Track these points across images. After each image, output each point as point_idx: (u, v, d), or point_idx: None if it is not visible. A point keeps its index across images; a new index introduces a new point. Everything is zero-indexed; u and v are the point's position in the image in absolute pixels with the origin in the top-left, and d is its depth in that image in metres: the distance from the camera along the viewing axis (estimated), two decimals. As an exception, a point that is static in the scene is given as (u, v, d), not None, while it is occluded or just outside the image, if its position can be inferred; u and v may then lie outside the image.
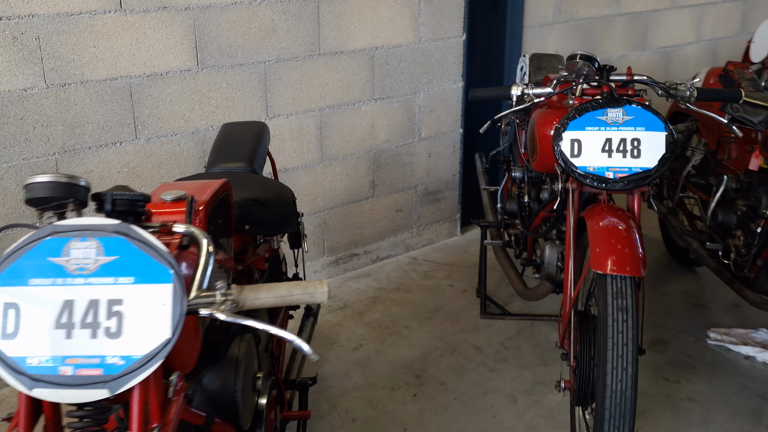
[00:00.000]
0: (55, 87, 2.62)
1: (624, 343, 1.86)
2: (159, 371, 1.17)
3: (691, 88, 2.31)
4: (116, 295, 1.09)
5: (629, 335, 1.87)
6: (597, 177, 2.15)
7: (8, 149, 2.56)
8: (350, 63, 3.45)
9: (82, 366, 1.08)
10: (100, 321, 1.08)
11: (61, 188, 1.15)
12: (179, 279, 1.11)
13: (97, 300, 1.09)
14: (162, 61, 2.86)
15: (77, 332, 1.08)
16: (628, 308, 1.89)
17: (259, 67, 3.14)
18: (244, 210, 1.97)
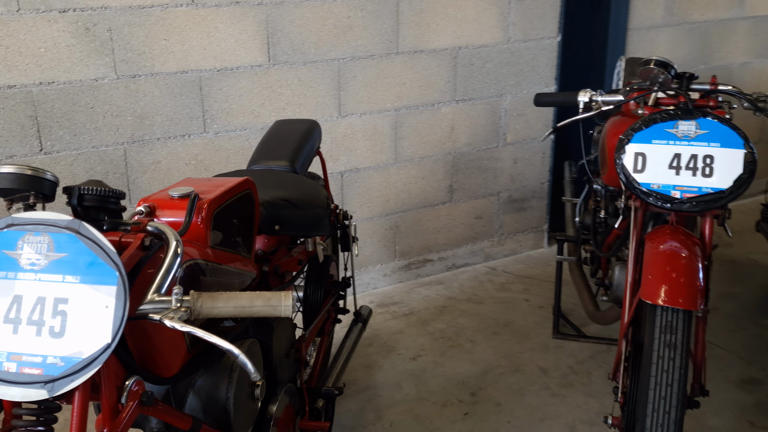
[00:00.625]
0: (125, 78, 2.69)
1: (668, 383, 1.66)
2: (111, 374, 1.13)
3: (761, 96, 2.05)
4: (62, 294, 1.06)
5: (675, 375, 1.66)
6: (661, 196, 1.94)
7: (78, 137, 2.66)
8: (430, 62, 3.34)
9: (25, 364, 1.05)
10: (45, 319, 1.06)
11: (25, 180, 1.14)
12: (124, 281, 1.06)
13: (44, 297, 1.06)
14: (233, 56, 2.87)
15: (23, 328, 1.06)
16: (677, 345, 1.69)
17: (332, 64, 3.10)
18: (275, 210, 1.92)
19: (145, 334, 1.28)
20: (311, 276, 2.36)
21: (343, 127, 3.20)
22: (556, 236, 3.07)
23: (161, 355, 1.33)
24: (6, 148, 2.52)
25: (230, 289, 1.60)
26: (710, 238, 1.98)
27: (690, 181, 1.93)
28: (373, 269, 3.51)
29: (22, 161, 2.56)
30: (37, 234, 1.08)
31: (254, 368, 1.14)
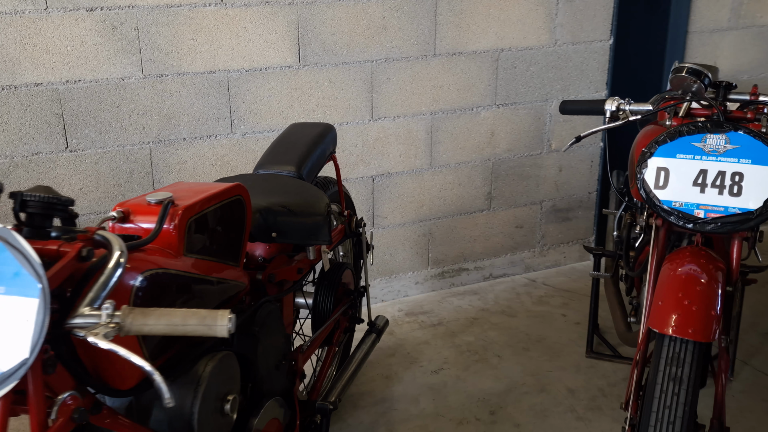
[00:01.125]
0: (152, 77, 2.69)
1: (671, 420, 1.52)
2: (39, 389, 1.10)
3: None
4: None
5: (678, 412, 1.52)
6: (684, 215, 1.79)
7: (104, 135, 2.68)
8: (470, 65, 3.23)
9: (-52, 375, 1.03)
10: (-28, 331, 1.03)
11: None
12: (45, 294, 1.02)
13: (-28, 309, 1.04)
14: (262, 57, 2.84)
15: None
16: (683, 379, 1.55)
17: (365, 66, 3.03)
18: (272, 217, 1.87)
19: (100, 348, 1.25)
20: (322, 283, 2.30)
21: (375, 130, 3.13)
22: (592, 250, 2.91)
23: (115, 367, 1.30)
24: (32, 146, 2.57)
25: (208, 299, 1.56)
26: (737, 262, 1.82)
27: (716, 199, 1.77)
28: (404, 276, 3.42)
29: (48, 159, 2.60)
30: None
31: (169, 393, 1.08)
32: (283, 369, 1.88)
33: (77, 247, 1.14)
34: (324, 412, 2.00)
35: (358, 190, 3.17)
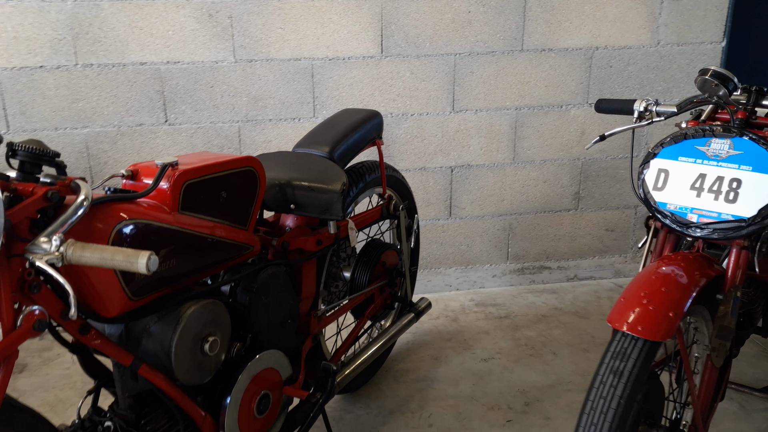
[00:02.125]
0: (242, 62, 2.99)
1: (603, 411, 1.52)
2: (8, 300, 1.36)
3: None
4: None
5: (613, 404, 1.52)
6: (677, 218, 1.76)
7: (198, 113, 3.01)
8: (560, 62, 3.22)
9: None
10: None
11: None
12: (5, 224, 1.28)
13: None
14: (345, 46, 3.04)
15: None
16: (623, 373, 1.54)
17: (448, 59, 3.14)
18: (290, 190, 2.07)
19: (85, 277, 1.51)
20: (360, 259, 2.47)
21: (455, 122, 3.23)
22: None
23: (99, 297, 1.55)
24: (136, 117, 2.95)
25: (203, 254, 1.78)
26: (733, 270, 1.75)
27: (710, 204, 1.72)
28: (481, 268, 3.49)
29: (149, 130, 2.98)
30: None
31: (75, 309, 1.30)
32: (289, 327, 2.07)
33: (44, 190, 1.39)
34: (328, 371, 2.17)
35: (435, 179, 3.29)
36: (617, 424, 1.52)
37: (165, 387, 1.70)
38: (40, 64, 2.80)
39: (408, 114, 3.16)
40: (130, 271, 1.34)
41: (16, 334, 1.36)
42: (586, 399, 1.56)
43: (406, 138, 3.19)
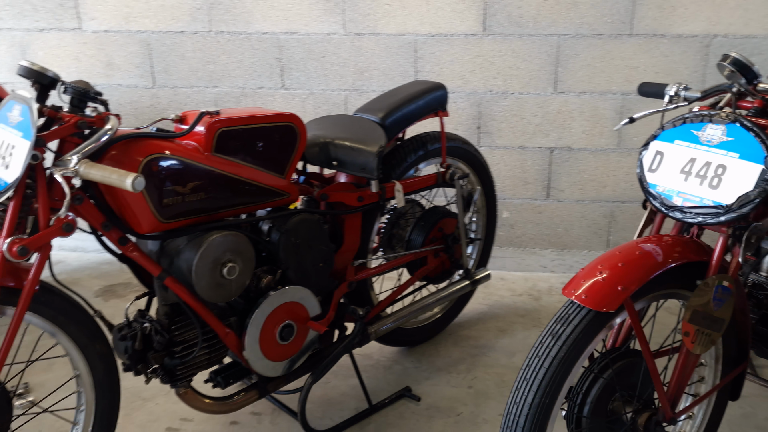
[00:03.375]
0: (351, 35, 3.23)
1: (535, 370, 1.58)
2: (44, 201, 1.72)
3: None
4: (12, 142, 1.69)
5: (545, 363, 1.57)
6: (664, 200, 1.74)
7: (310, 80, 3.31)
8: (673, 48, 3.10)
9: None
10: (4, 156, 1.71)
11: (30, 72, 1.78)
12: (32, 141, 1.63)
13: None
14: (448, 24, 3.17)
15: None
16: (561, 336, 1.58)
17: (551, 40, 3.15)
18: (333, 148, 2.29)
19: (122, 198, 1.86)
20: (418, 222, 2.64)
21: (557, 103, 3.24)
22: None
23: (134, 215, 1.89)
24: (257, 81, 3.32)
25: (234, 192, 2.06)
26: (718, 257, 1.71)
27: (695, 189, 1.69)
28: (578, 253, 3.47)
29: (268, 93, 3.34)
30: (12, 103, 1.74)
31: (67, 209, 1.62)
32: (321, 271, 2.30)
33: (76, 119, 1.74)
34: (355, 315, 2.37)
35: (534, 159, 3.33)
36: (547, 382, 1.59)
37: (188, 300, 2.01)
38: (181, 29, 3.26)
39: (508, 92, 3.24)
40: (121, 188, 1.65)
41: (48, 231, 1.73)
42: (526, 357, 1.64)
43: (505, 116, 3.27)
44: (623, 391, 1.75)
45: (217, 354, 2.14)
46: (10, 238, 1.68)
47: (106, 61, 3.31)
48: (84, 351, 1.90)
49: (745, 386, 2.65)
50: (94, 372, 1.93)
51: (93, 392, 1.94)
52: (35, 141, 1.66)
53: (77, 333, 1.88)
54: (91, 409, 1.96)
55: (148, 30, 3.27)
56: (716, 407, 1.99)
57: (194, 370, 2.10)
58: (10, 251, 1.67)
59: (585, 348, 1.61)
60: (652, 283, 1.68)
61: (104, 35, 3.28)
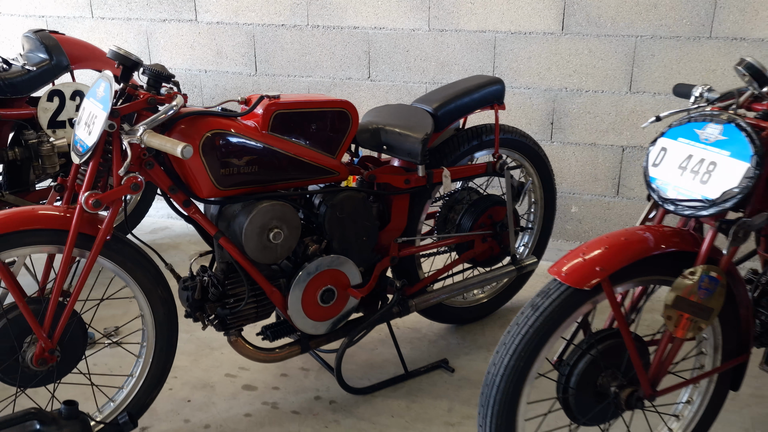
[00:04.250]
0: (435, 31, 3.37)
1: (513, 336, 1.69)
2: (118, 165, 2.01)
3: None
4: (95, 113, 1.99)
5: (523, 330, 1.67)
6: (659, 193, 1.78)
7: (394, 72, 3.48)
8: (753, 52, 2.99)
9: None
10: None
11: (118, 55, 2.07)
12: (107, 113, 1.91)
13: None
14: (527, 22, 3.23)
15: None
16: (539, 308, 1.68)
17: (629, 40, 3.13)
18: (384, 133, 2.46)
19: (186, 166, 2.13)
20: (469, 208, 2.76)
21: (631, 102, 3.21)
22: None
23: (196, 181, 2.16)
24: (346, 72, 3.54)
25: (285, 169, 2.28)
26: (707, 249, 1.73)
27: (688, 184, 1.73)
28: (647, 253, 3.43)
29: (355, 83, 3.54)
30: (100, 81, 2.04)
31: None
32: (364, 244, 2.47)
33: (147, 96, 2.02)
34: (393, 286, 2.53)
35: (605, 156, 3.32)
36: (522, 347, 1.70)
37: (239, 259, 2.25)
38: (282, 23, 3.53)
39: (582, 90, 3.26)
40: (173, 154, 1.90)
41: (118, 188, 2.03)
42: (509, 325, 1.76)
43: (579, 113, 3.30)
44: (610, 367, 1.81)
45: (263, 309, 2.38)
46: (88, 192, 2.00)
47: (216, 49, 3.66)
48: (147, 294, 2.19)
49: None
50: (156, 313, 2.22)
51: (154, 331, 2.24)
52: (111, 112, 1.96)
53: (142, 278, 2.17)
54: (151, 346, 2.25)
55: (254, 23, 3.57)
56: (715, 395, 2.00)
57: (243, 321, 2.35)
58: (86, 203, 1.97)
59: (563, 321, 1.70)
60: (637, 268, 1.74)
61: (216, 26, 3.62)
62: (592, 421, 1.84)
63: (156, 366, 2.26)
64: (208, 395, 2.56)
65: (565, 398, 1.81)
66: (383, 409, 2.49)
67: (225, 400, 2.53)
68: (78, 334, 2.13)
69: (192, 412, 2.47)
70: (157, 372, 2.27)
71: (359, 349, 2.85)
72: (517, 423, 1.75)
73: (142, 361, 2.26)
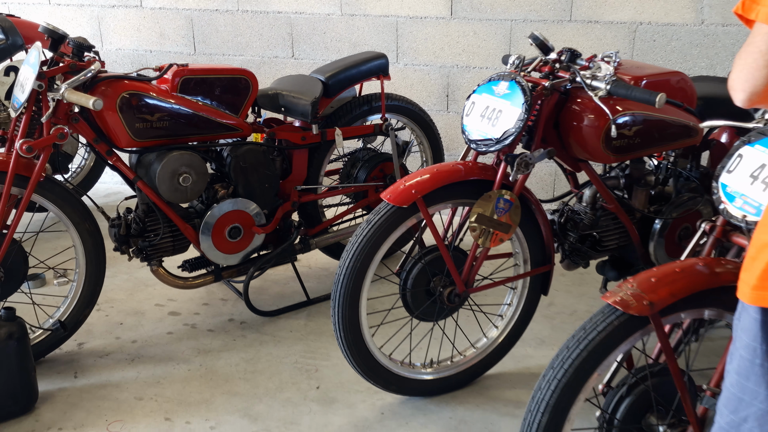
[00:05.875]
0: (346, 16, 3.71)
1: (353, 245, 2.06)
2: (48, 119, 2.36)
3: (607, 80, 1.92)
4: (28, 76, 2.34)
5: (360, 242, 2.04)
6: (467, 135, 2.17)
7: (315, 51, 3.82)
8: (605, 33, 3.37)
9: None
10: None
11: (47, 30, 2.40)
12: (35, 75, 2.25)
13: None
14: (422, 8, 3.58)
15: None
16: (372, 222, 2.06)
17: (505, 23, 3.50)
18: (281, 98, 2.82)
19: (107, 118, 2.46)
20: (365, 163, 3.12)
21: (510, 77, 3.59)
22: None
23: (115, 133, 2.50)
24: (273, 51, 3.87)
25: (194, 124, 2.62)
26: (500, 179, 2.10)
27: (485, 127, 2.10)
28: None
29: (281, 61, 3.89)
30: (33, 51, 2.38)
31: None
32: (266, 190, 2.81)
33: (69, 62, 2.36)
34: (292, 225, 2.90)
35: (491, 124, 3.70)
36: (361, 249, 2.06)
37: (155, 199, 2.58)
38: (216, 8, 3.86)
39: (471, 67, 3.62)
40: (87, 107, 2.25)
41: (48, 137, 2.37)
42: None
43: (469, 86, 3.66)
44: (436, 274, 2.20)
45: (179, 243, 2.72)
46: (22, 140, 2.35)
47: (160, 32, 3.99)
48: (77, 227, 2.52)
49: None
50: (85, 243, 2.55)
51: (84, 258, 2.56)
52: (38, 75, 2.31)
53: (72, 213, 2.49)
54: (82, 271, 2.57)
55: (192, 8, 3.91)
56: (528, 299, 2.36)
57: (161, 253, 2.69)
58: (21, 149, 2.31)
59: (391, 233, 2.07)
60: (449, 193, 2.11)
61: (159, 11, 3.95)
62: (425, 315, 2.24)
63: (87, 288, 2.59)
64: (138, 320, 2.91)
65: (403, 294, 2.21)
66: (284, 326, 2.86)
67: (152, 323, 2.89)
68: (18, 259, 2.48)
69: (123, 332, 2.82)
70: (88, 293, 2.60)
71: (273, 284, 3.21)
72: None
73: (75, 284, 2.61)
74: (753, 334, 1.20)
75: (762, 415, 1.20)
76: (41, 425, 2.26)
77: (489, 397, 2.36)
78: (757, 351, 1.20)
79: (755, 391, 1.21)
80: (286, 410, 2.32)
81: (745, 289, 1.20)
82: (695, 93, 2.30)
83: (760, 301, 1.17)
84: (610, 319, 1.47)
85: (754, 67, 1.14)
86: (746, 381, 1.22)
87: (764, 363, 1.19)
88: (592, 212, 2.32)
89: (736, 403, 1.24)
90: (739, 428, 1.23)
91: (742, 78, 1.17)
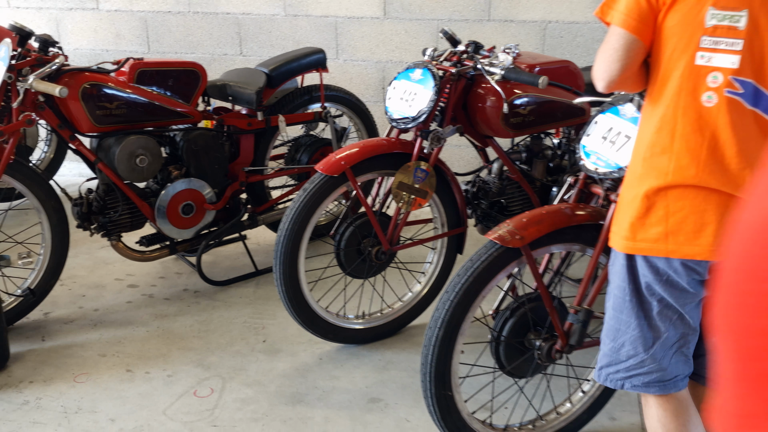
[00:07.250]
0: (290, 16, 3.94)
1: (288, 216, 2.31)
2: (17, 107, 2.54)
3: (502, 67, 2.22)
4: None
5: (294, 212, 2.28)
6: (390, 116, 2.43)
7: (262, 49, 4.04)
8: (519, 30, 3.68)
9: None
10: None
11: (14, 27, 2.58)
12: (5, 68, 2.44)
13: None
14: (359, 9, 3.84)
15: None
16: (309, 191, 2.30)
17: (432, 23, 3.78)
18: (229, 88, 3.04)
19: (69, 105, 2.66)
20: (307, 148, 3.36)
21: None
22: None
23: (77, 119, 2.68)
24: (223, 49, 4.08)
25: (150, 112, 2.82)
26: (416, 152, 2.37)
27: (403, 108, 2.36)
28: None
29: (230, 58, 4.11)
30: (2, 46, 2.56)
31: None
32: (216, 171, 3.02)
33: (36, 56, 2.55)
34: (240, 203, 3.13)
35: (423, 114, 3.98)
36: (298, 213, 2.28)
37: (114, 179, 2.77)
38: (168, 9, 4.05)
39: (403, 62, 3.88)
40: (54, 94, 2.44)
41: (17, 122, 2.56)
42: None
43: (401, 80, 3.94)
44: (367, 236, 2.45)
45: (137, 219, 2.91)
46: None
47: (116, 33, 4.15)
48: (43, 204, 2.69)
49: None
50: (50, 218, 2.72)
51: (49, 232, 2.73)
52: (8, 67, 2.49)
53: (38, 191, 2.66)
54: (48, 244, 2.73)
55: (146, 10, 4.08)
56: (446, 258, 2.62)
57: (120, 228, 2.88)
58: (-10, 134, 2.50)
59: (322, 201, 2.32)
60: (374, 164, 2.37)
61: (114, 14, 4.11)
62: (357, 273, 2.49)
63: (52, 260, 2.76)
64: (99, 292, 3.09)
65: (338, 254, 2.45)
66: (234, 294, 3.07)
67: (112, 294, 3.07)
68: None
69: (85, 302, 2.99)
70: (53, 265, 2.77)
71: (225, 258, 3.42)
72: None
73: (41, 257, 2.78)
74: (622, 276, 1.47)
75: (635, 340, 1.49)
76: (14, 379, 2.44)
77: (413, 343, 2.62)
78: (626, 290, 1.47)
79: (627, 321, 1.49)
80: (235, 360, 2.55)
81: (615, 239, 1.49)
82: (583, 79, 2.61)
83: (627, 248, 1.45)
84: (491, 251, 1.73)
85: (609, 60, 1.41)
86: (620, 314, 1.50)
87: (632, 299, 1.47)
88: (500, 182, 2.61)
89: (614, 332, 1.52)
90: (619, 352, 1.51)
91: (601, 69, 1.44)
